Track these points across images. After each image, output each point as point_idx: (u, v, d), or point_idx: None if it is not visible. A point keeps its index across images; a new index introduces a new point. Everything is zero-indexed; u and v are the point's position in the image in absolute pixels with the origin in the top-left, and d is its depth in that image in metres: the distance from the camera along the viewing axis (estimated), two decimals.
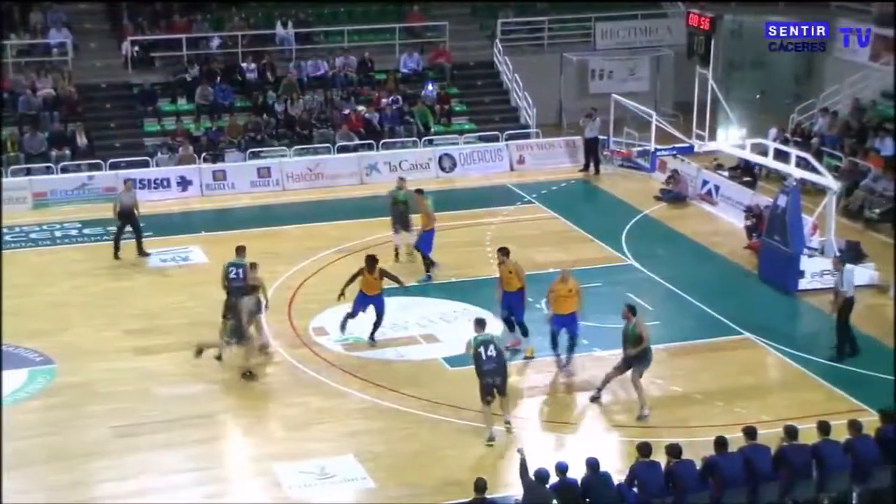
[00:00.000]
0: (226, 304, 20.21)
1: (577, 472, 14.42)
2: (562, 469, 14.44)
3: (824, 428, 15.26)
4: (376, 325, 20.89)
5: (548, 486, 14.24)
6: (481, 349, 17.29)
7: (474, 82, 35.67)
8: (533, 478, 14.31)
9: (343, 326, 20.94)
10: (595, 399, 18.81)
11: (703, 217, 28.37)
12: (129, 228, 25.17)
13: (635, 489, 14.57)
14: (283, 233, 26.81)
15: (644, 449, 14.76)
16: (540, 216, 28.22)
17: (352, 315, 20.89)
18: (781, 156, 25.26)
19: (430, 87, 33.99)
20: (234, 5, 35.57)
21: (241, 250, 20.79)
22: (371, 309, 20.79)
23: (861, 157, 29.16)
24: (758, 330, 21.44)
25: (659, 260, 25.10)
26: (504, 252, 20.62)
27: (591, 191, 30.79)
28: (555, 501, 14.26)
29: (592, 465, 14.48)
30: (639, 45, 36.95)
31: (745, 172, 30.03)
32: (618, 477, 14.73)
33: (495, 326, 19.79)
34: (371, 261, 20.80)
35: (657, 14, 37.48)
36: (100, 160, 30.05)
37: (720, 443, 14.89)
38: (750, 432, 15.13)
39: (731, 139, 30.02)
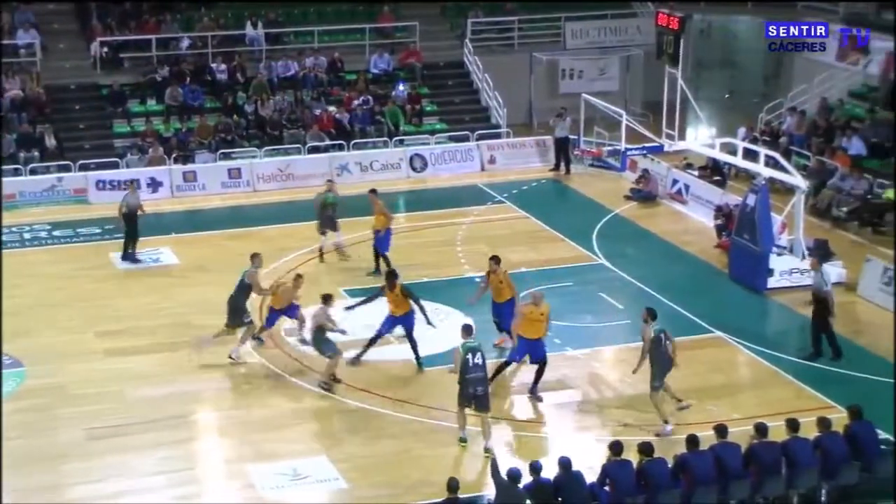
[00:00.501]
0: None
1: (551, 472, 14.51)
2: (536, 469, 14.53)
3: (794, 425, 15.44)
4: (413, 348, 19.93)
5: (520, 485, 14.31)
6: (469, 356, 17.09)
7: (445, 82, 35.71)
8: (505, 477, 14.39)
9: (359, 356, 20.10)
10: (683, 408, 18.36)
11: (674, 216, 28.53)
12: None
13: (607, 488, 14.68)
14: (254, 234, 26.75)
15: (615, 448, 14.87)
16: (511, 216, 28.30)
17: (374, 339, 19.95)
18: (750, 155, 25.44)
19: (400, 87, 34.02)
20: (203, 6, 35.45)
21: (253, 257, 20.74)
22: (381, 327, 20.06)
23: (829, 155, 29.38)
24: (728, 328, 21.59)
25: (629, 259, 25.22)
26: (496, 260, 20.25)
27: (561, 190, 30.90)
28: (528, 501, 14.36)
29: (565, 464, 14.57)
30: (608, 44, 37.09)
31: (714, 171, 30.22)
32: (591, 476, 14.83)
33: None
34: (391, 276, 20.06)
35: (627, 14, 37.64)
36: (69, 162, 29.91)
37: (692, 441, 15.03)
38: (721, 430, 15.28)
39: (701, 138, 30.16)
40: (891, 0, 31.73)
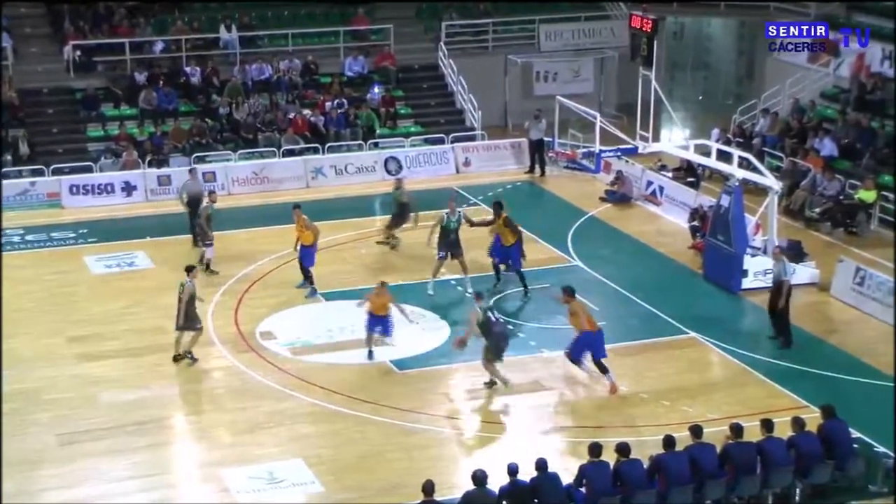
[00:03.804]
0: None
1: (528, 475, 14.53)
2: (513, 471, 14.53)
3: (768, 425, 15.51)
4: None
5: (487, 487, 14.28)
6: (490, 314, 18.82)
7: (419, 85, 35.70)
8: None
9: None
10: None
11: (648, 217, 28.60)
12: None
13: (584, 489, 14.70)
14: (228, 237, 26.61)
15: (595, 449, 14.89)
16: (486, 218, 28.17)
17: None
18: (724, 156, 25.53)
19: (375, 90, 33.98)
20: (177, 9, 35.32)
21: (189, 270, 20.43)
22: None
23: (801, 157, 29.54)
24: (703, 329, 21.67)
25: (604, 260, 25.27)
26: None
27: (536, 192, 30.92)
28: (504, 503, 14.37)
29: (541, 465, 14.60)
30: (583, 47, 37.16)
31: (688, 173, 30.33)
32: (567, 478, 14.84)
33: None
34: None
35: (600, 16, 37.71)
36: (42, 166, 29.72)
37: (668, 442, 15.06)
38: (696, 431, 15.33)
39: (675, 140, 30.24)
40: (861, 1, 31.94)
